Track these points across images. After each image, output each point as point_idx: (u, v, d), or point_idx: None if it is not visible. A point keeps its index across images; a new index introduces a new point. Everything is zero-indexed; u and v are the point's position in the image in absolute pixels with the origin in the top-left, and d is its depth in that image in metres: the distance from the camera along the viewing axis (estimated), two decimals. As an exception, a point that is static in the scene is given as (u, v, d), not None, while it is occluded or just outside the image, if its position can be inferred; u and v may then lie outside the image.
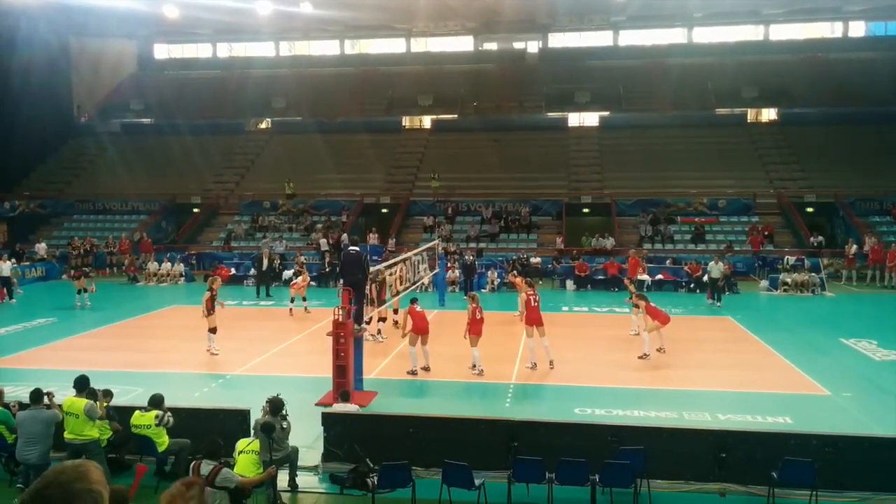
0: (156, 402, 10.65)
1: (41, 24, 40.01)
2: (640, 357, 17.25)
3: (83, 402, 10.03)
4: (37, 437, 9.94)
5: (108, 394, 11.02)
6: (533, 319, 16.39)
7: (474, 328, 16.08)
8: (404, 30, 50.25)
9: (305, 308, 23.67)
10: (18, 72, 39.47)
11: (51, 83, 43.85)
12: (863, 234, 32.16)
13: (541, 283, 29.64)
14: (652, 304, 17.90)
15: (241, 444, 9.82)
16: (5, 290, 26.46)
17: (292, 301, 23.76)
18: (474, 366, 16.08)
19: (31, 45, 40.13)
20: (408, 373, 15.96)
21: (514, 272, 27.61)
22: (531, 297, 16.70)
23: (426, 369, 16.14)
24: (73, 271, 27.78)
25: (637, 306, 18.67)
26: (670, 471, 10.16)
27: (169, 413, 10.58)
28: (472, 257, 29.69)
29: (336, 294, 15.70)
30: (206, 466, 8.76)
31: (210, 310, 17.95)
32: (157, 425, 10.45)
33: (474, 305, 16.29)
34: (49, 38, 41.89)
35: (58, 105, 45.91)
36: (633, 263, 26.37)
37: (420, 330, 15.99)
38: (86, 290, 24.99)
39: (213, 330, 17.95)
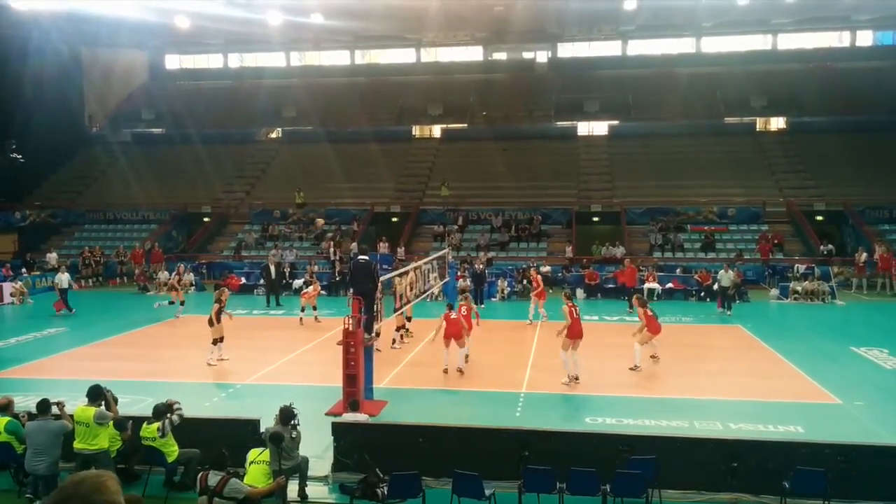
0: (157, 412, 10.64)
1: (53, 34, 40.29)
2: (631, 369, 17.15)
3: (93, 411, 10.06)
4: (44, 448, 9.95)
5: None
6: (576, 332, 16.04)
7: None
8: (414, 40, 50.39)
9: (316, 317, 23.71)
10: (30, 82, 39.75)
11: (62, 93, 44.12)
12: (873, 243, 32.05)
13: (551, 291, 29.64)
14: (650, 311, 17.77)
15: (253, 454, 9.84)
16: (64, 302, 26.01)
17: (303, 310, 23.78)
18: (467, 357, 17.42)
19: (43, 56, 40.44)
20: (443, 371, 16.94)
21: (536, 269, 27.51)
22: (573, 309, 16.24)
23: (460, 371, 16.96)
24: (165, 284, 28.02)
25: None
26: (682, 480, 10.12)
27: (173, 415, 10.54)
28: (481, 266, 29.67)
29: (346, 303, 15.75)
30: (214, 477, 8.77)
31: (217, 320, 18.01)
32: (160, 437, 10.44)
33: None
34: (61, 49, 42.20)
35: (69, 115, 46.13)
36: (630, 272, 26.55)
37: (450, 334, 16.87)
38: (183, 303, 25.43)
39: (217, 340, 18.01)
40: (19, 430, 10.64)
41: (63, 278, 26.49)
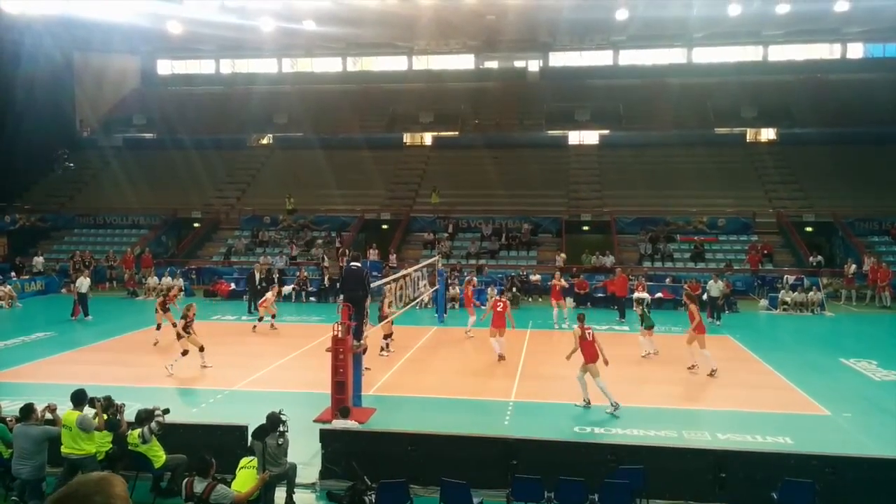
0: (139, 418, 10.58)
1: (46, 38, 40.24)
2: (710, 375, 17.59)
3: (77, 416, 10.00)
4: (28, 452, 9.89)
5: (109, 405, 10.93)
6: (591, 356, 14.82)
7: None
8: (406, 48, 50.53)
9: (272, 325, 23.63)
10: (22, 86, 39.63)
11: (54, 97, 44.03)
12: (862, 254, 32.22)
13: (540, 300, 29.75)
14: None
15: (243, 461, 9.83)
16: (81, 307, 25.68)
17: (260, 320, 23.66)
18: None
19: (35, 60, 40.34)
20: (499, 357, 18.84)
21: (560, 275, 27.64)
22: (587, 331, 15.13)
23: (501, 357, 18.83)
24: (154, 290, 28.06)
25: (649, 329, 19.60)
26: (670, 490, 10.11)
27: (152, 423, 10.47)
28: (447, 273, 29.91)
29: (336, 310, 15.73)
30: (200, 484, 8.73)
31: (184, 333, 17.94)
32: (142, 443, 10.39)
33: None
34: (53, 53, 42.13)
35: (61, 119, 46.06)
36: (621, 281, 26.62)
37: (496, 326, 19.11)
38: (159, 326, 21.47)
39: (187, 352, 17.87)
40: (6, 434, 10.59)
41: (84, 283, 26.09)
